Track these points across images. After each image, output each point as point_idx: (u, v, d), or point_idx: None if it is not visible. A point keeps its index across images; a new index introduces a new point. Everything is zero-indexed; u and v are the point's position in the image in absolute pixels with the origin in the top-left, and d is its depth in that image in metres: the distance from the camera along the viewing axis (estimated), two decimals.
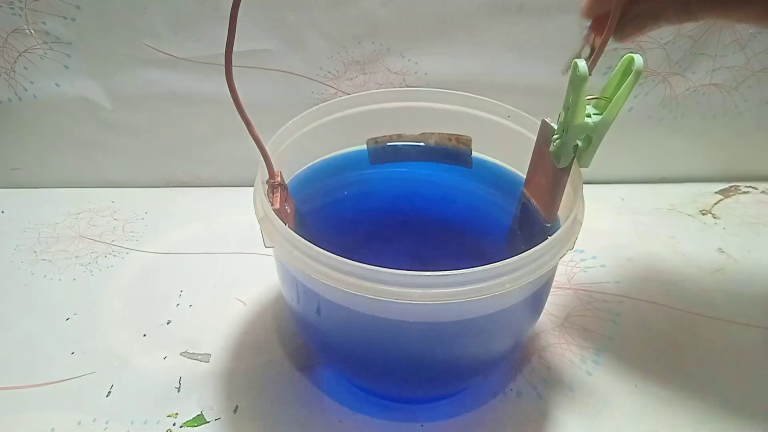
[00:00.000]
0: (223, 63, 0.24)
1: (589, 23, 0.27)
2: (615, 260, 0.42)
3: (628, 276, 0.41)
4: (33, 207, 0.48)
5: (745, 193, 0.49)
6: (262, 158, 0.28)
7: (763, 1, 0.22)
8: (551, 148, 0.27)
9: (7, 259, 0.43)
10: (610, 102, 0.25)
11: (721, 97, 0.46)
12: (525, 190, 0.32)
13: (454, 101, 0.34)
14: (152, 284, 0.41)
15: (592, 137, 0.26)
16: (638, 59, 0.24)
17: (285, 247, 0.25)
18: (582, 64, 0.23)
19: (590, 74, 0.23)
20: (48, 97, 0.45)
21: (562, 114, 0.27)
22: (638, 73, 0.24)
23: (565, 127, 0.25)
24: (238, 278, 0.41)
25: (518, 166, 0.34)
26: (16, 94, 0.45)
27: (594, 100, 0.26)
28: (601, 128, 0.25)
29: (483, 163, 0.35)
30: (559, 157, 0.27)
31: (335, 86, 0.45)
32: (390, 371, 0.29)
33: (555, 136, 0.27)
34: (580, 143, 0.26)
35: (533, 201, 0.31)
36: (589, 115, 0.25)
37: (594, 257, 0.43)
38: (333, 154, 0.35)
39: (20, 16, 0.41)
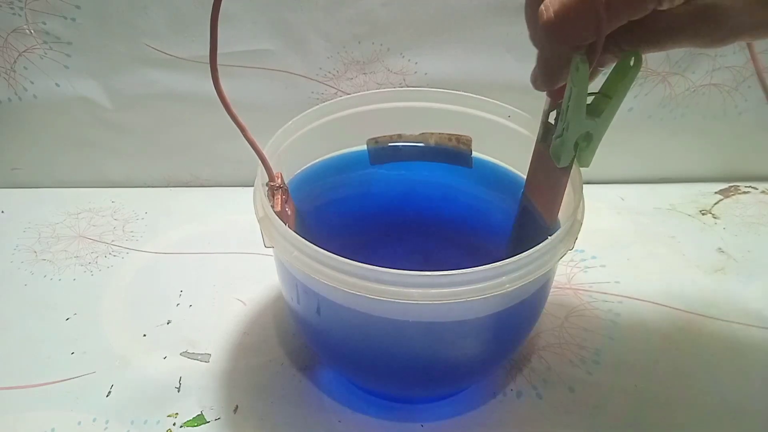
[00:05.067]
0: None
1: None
2: (615, 260, 0.42)
3: (628, 276, 0.41)
4: (33, 207, 0.48)
5: (745, 193, 0.49)
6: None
7: (687, 37, 0.24)
8: (551, 148, 0.27)
9: (7, 259, 0.43)
10: (611, 99, 0.25)
11: (721, 97, 0.46)
12: (525, 191, 0.32)
13: (454, 101, 0.34)
14: (152, 284, 0.41)
15: (593, 135, 0.26)
16: (637, 54, 0.24)
17: (285, 247, 0.25)
18: (582, 59, 0.23)
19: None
20: (48, 97, 0.45)
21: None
22: (638, 68, 0.24)
23: (566, 125, 0.25)
24: (238, 278, 0.41)
25: (518, 166, 0.34)
26: (16, 94, 0.45)
27: (594, 97, 0.26)
28: (601, 125, 0.25)
29: (483, 163, 0.35)
30: (559, 157, 0.27)
31: (335, 86, 0.45)
32: (390, 371, 0.29)
33: (554, 135, 0.27)
34: (580, 141, 0.26)
35: (533, 201, 0.31)
36: (589, 112, 0.25)
37: (594, 257, 0.43)
38: (333, 154, 0.35)
39: (20, 16, 0.41)
